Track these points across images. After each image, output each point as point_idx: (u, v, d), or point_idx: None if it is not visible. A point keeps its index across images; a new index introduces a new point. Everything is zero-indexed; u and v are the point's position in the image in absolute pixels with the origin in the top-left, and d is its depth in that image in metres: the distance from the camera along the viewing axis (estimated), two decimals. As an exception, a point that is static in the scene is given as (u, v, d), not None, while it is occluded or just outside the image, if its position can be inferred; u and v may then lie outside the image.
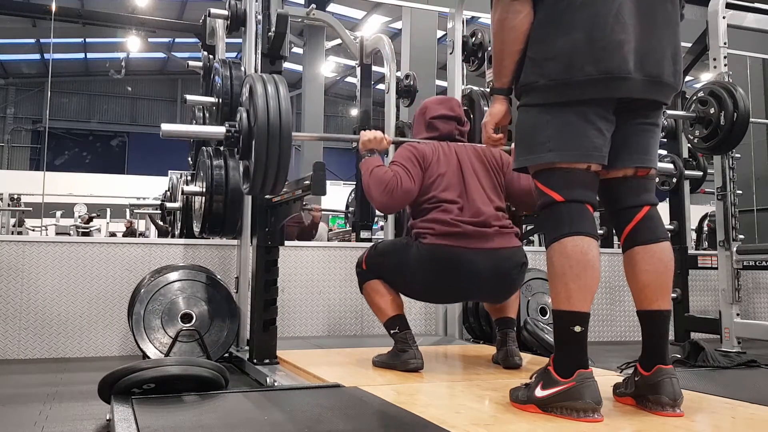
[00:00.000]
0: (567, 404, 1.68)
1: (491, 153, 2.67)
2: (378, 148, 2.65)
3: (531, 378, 1.84)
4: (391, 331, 2.53)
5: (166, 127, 2.51)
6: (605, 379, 1.95)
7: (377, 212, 5.35)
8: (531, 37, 1.81)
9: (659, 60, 1.79)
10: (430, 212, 2.50)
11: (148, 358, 2.97)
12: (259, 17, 3.24)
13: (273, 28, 2.90)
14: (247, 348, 3.14)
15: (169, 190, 5.45)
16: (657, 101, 1.86)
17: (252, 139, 2.27)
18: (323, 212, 12.51)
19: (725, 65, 3.96)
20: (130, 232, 11.90)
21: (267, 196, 2.89)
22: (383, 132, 2.67)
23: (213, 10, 3.62)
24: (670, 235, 4.77)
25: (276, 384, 2.44)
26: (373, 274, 2.61)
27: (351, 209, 5.51)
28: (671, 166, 4.57)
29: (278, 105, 2.27)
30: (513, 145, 2.03)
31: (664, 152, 4.94)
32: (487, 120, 1.98)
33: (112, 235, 11.77)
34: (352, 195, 5.66)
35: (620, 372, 2.37)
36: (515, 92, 1.91)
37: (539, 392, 1.75)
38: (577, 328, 1.70)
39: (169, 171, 5.42)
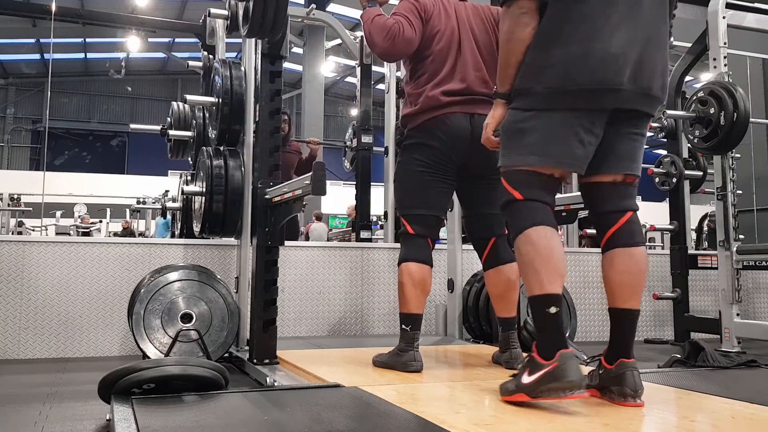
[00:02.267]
0: (553, 385, 1.75)
1: (491, 12, 2.71)
2: None
3: (517, 370, 1.93)
4: (403, 326, 2.52)
5: None
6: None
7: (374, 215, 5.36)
8: (531, 44, 1.89)
9: (651, 74, 1.90)
10: (421, 77, 2.60)
11: (148, 358, 2.97)
12: (259, 17, 3.24)
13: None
14: (247, 348, 3.14)
15: (171, 117, 5.04)
16: (644, 112, 1.95)
17: None
18: (324, 213, 12.56)
19: (725, 65, 3.96)
20: (128, 232, 11.90)
21: (267, 196, 2.89)
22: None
23: (213, 10, 3.62)
24: (671, 234, 4.78)
25: (276, 384, 2.44)
26: (418, 238, 2.56)
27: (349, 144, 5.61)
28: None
29: None
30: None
31: (664, 152, 4.94)
32: (488, 122, 2.05)
33: (115, 235, 11.77)
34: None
35: (587, 364, 2.46)
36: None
37: (526, 378, 1.82)
38: (553, 309, 1.78)
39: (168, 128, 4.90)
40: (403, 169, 2.67)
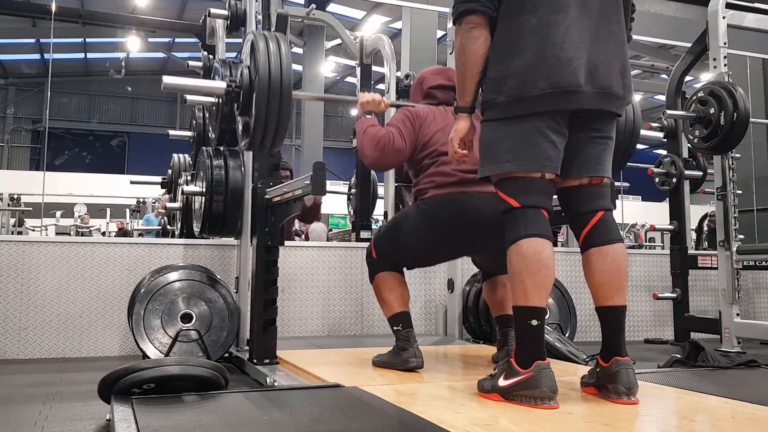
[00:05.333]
0: (526, 393, 1.83)
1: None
2: (375, 110, 2.68)
3: (494, 369, 2.00)
4: (395, 328, 2.54)
5: (167, 80, 2.51)
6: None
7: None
8: (490, 59, 1.98)
9: (608, 74, 1.95)
10: (430, 167, 2.55)
11: (148, 358, 2.97)
12: (259, 17, 3.24)
13: (273, 28, 2.90)
14: (247, 348, 3.14)
15: (172, 170, 5.15)
16: (607, 111, 2.00)
17: (252, 95, 2.28)
18: (323, 213, 12.53)
19: (725, 65, 3.96)
20: (123, 233, 11.86)
21: (267, 196, 2.89)
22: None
23: (213, 10, 3.63)
24: (671, 234, 4.77)
25: (276, 384, 2.44)
26: (383, 261, 2.61)
27: (353, 190, 5.51)
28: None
29: (279, 61, 2.28)
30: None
31: (664, 152, 4.94)
32: (452, 136, 2.12)
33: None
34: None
35: (586, 363, 2.54)
36: (480, 109, 2.06)
37: (502, 382, 1.90)
38: (534, 322, 1.84)
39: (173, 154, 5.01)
40: (395, 225, 2.67)
